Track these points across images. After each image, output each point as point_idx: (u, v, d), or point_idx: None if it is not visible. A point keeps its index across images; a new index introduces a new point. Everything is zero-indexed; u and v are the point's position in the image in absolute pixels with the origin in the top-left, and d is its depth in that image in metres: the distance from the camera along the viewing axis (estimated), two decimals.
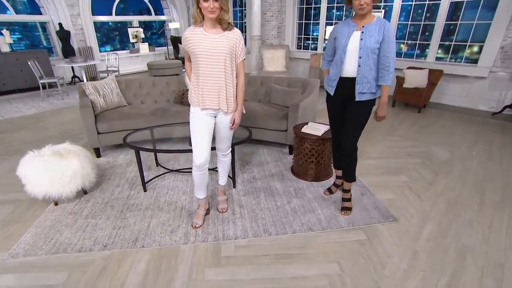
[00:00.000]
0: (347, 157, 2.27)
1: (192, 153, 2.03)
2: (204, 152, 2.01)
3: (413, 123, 4.49)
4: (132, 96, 3.84)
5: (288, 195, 2.60)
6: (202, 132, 1.99)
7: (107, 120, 3.28)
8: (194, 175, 2.09)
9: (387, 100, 2.11)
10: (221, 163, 2.33)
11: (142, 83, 3.90)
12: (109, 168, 3.11)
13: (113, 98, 3.57)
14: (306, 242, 2.07)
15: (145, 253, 1.98)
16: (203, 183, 2.14)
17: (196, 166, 2.04)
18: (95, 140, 3.26)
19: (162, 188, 2.72)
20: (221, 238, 2.10)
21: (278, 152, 3.47)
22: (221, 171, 2.37)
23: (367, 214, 2.34)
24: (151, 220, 2.30)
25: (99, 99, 3.44)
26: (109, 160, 3.28)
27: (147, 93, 3.90)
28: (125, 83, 3.83)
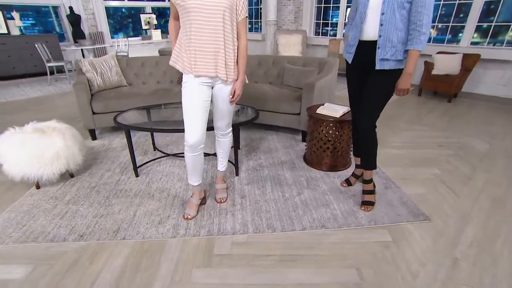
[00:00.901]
0: (363, 138, 1.88)
1: (184, 131, 1.70)
2: (198, 129, 1.68)
3: (442, 112, 4.00)
4: (133, 76, 3.55)
5: (299, 186, 2.24)
6: (195, 104, 1.66)
7: (103, 100, 3.01)
8: (186, 157, 1.76)
9: (412, 72, 1.67)
10: (220, 144, 1.99)
11: (145, 62, 3.61)
12: (103, 151, 2.84)
13: (112, 76, 3.29)
14: (318, 241, 1.71)
15: (125, 246, 1.68)
16: (197, 167, 1.81)
17: (188, 146, 1.70)
18: (89, 121, 3.00)
19: (156, 174, 2.42)
20: (216, 232, 1.77)
21: (289, 139, 3.10)
22: (220, 154, 2.04)
23: (392, 211, 1.95)
24: (138, 208, 1.99)
25: (96, 77, 3.17)
26: (104, 143, 3.01)
27: (149, 73, 3.60)
28: (126, 61, 3.55)
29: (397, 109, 4.12)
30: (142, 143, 3.00)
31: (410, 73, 1.65)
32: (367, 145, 1.89)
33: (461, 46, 4.81)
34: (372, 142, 1.89)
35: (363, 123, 1.85)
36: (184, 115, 1.69)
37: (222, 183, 2.10)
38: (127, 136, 2.23)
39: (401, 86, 1.69)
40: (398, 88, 1.71)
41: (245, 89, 3.42)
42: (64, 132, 2.25)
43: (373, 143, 1.89)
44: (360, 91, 1.91)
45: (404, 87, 1.68)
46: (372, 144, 1.89)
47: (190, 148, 1.71)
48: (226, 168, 2.11)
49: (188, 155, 1.74)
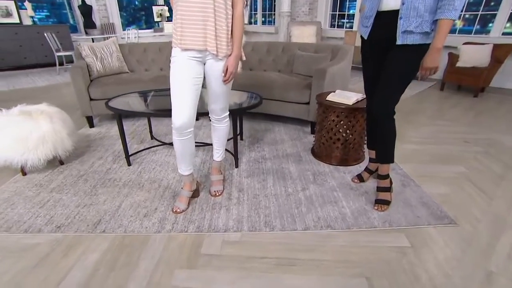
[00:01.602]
0: (380, 126, 1.63)
1: (172, 112, 1.50)
2: (185, 110, 1.47)
3: (468, 107, 3.65)
4: (135, 62, 3.39)
5: (304, 180, 2.00)
6: (182, 81, 1.45)
7: (101, 85, 2.86)
8: (174, 142, 1.56)
9: (442, 47, 1.40)
10: (216, 131, 1.78)
11: (147, 48, 3.44)
12: (98, 139, 2.68)
13: (112, 62, 3.14)
14: (322, 244, 1.48)
15: (104, 240, 1.49)
16: (186, 154, 1.60)
17: (175, 129, 1.50)
18: (87, 107, 2.85)
19: (149, 163, 2.24)
20: (206, 229, 1.56)
21: (297, 130, 2.86)
22: (215, 142, 1.83)
23: (410, 212, 1.69)
24: (124, 199, 1.81)
25: (96, 62, 3.02)
26: (101, 131, 2.86)
27: (152, 59, 3.44)
28: (128, 47, 3.39)
29: (416, 103, 3.80)
30: (140, 131, 2.84)
31: (439, 48, 1.39)
32: (383, 135, 1.64)
33: (491, 37, 4.41)
34: (390, 132, 1.63)
35: (380, 109, 1.59)
36: (172, 94, 1.48)
37: (217, 174, 1.89)
38: (119, 121, 2.05)
39: (428, 64, 1.42)
40: (424, 67, 1.44)
41: (251, 76, 3.22)
42: (52, 116, 2.10)
43: (391, 133, 1.63)
44: (378, 73, 1.65)
45: (432, 65, 1.41)
46: (390, 134, 1.63)
47: (177, 131, 1.50)
48: (223, 158, 1.90)
49: (175, 139, 1.54)
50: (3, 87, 4.77)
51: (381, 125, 1.62)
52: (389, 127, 1.62)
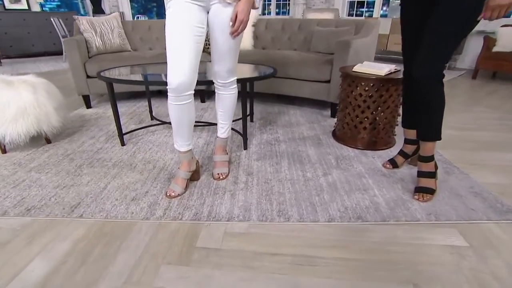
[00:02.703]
0: (424, 94, 1.28)
1: (168, 70, 1.20)
2: (185, 66, 1.17)
3: (507, 95, 3.23)
4: (138, 40, 3.13)
5: (325, 165, 1.67)
6: (181, 30, 1.15)
7: (99, 62, 2.60)
8: (170, 108, 1.26)
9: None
10: (221, 100, 1.48)
11: (152, 26, 3.17)
12: (94, 119, 2.42)
13: (113, 38, 2.88)
14: (351, 239, 1.15)
15: (80, 226, 1.21)
16: (183, 124, 1.30)
17: (171, 90, 1.20)
18: (83, 86, 2.60)
19: (146, 143, 1.95)
20: (205, 216, 1.25)
21: (315, 114, 2.53)
22: (221, 115, 1.52)
23: (461, 203, 1.34)
24: (112, 180, 1.52)
25: (95, 37, 2.77)
26: (98, 112, 2.60)
27: (156, 38, 3.16)
28: (132, 24, 3.13)
29: (447, 90, 3.40)
30: (140, 113, 2.56)
31: None
32: (430, 104, 1.29)
33: None
34: (438, 100, 1.29)
35: (426, 71, 1.25)
36: (168, 48, 1.18)
37: (222, 154, 1.58)
38: (110, 93, 1.77)
39: (498, 0, 1.07)
40: (489, 5, 1.09)
41: (262, 53, 2.89)
42: (35, 86, 1.84)
43: (439, 102, 1.29)
44: (420, 33, 1.32)
45: (503, 1, 1.06)
46: (438, 103, 1.29)
47: (173, 93, 1.20)
48: (229, 136, 1.59)
49: (171, 104, 1.24)
50: (7, 73, 4.60)
51: (427, 92, 1.28)
52: (438, 95, 1.27)
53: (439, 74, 1.25)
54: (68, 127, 2.25)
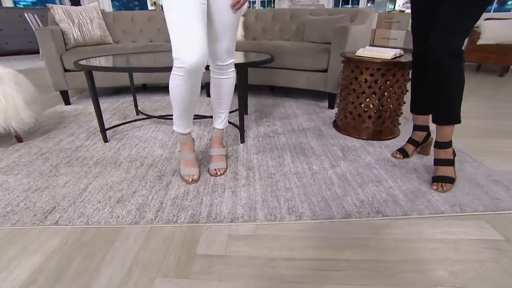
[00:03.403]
0: (441, 73, 1.14)
1: (172, 48, 1.01)
2: (199, 40, 1.00)
3: (497, 85, 3.19)
4: (120, 33, 2.88)
5: (332, 157, 1.52)
6: (188, 5, 0.96)
7: (77, 54, 2.35)
8: (178, 89, 1.09)
9: None
10: (218, 87, 1.29)
11: (135, 17, 2.93)
12: (73, 116, 2.17)
13: (93, 30, 2.63)
14: (374, 236, 0.99)
15: (54, 235, 0.99)
16: (192, 104, 1.16)
17: (185, 70, 1.02)
18: (60, 80, 2.34)
19: (132, 139, 1.73)
20: (205, 218, 1.06)
21: (311, 105, 2.37)
22: (217, 103, 1.33)
23: (483, 193, 1.21)
24: (93, 180, 1.31)
25: (73, 28, 2.51)
26: (78, 108, 2.35)
27: (140, 30, 2.92)
28: (113, 16, 2.88)
29: None
30: (124, 108, 2.33)
31: None
32: (449, 83, 1.15)
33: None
34: (458, 79, 1.15)
35: (444, 46, 1.11)
36: (174, 23, 0.99)
37: (219, 147, 1.39)
38: (89, 81, 1.54)
39: None
40: None
41: (254, 44, 2.70)
42: (2, 77, 1.59)
43: (459, 80, 1.15)
44: (435, 7, 1.18)
45: None
46: (458, 82, 1.15)
47: (186, 73, 1.02)
48: (226, 126, 1.41)
49: (180, 85, 1.06)
50: None
51: (447, 70, 1.14)
52: (458, 72, 1.14)
53: (459, 49, 1.12)
54: (43, 124, 2.00)
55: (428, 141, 1.50)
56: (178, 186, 1.25)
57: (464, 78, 1.15)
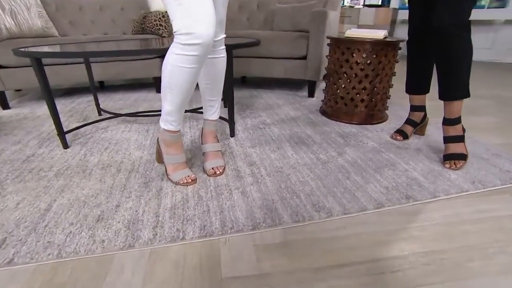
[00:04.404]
0: (449, 45, 1.05)
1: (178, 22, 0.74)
2: (211, 5, 0.75)
3: None
4: (67, 24, 2.41)
5: (334, 144, 1.36)
6: None
7: (13, 46, 1.87)
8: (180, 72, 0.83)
9: None
10: (208, 69, 1.04)
11: (84, 6, 2.47)
12: (16, 121, 1.72)
13: (32, 19, 2.13)
14: (416, 224, 0.84)
15: (10, 281, 0.67)
16: (191, 91, 0.90)
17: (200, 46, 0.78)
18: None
19: (99, 143, 1.39)
20: (218, 228, 0.82)
21: (290, 95, 2.21)
22: (209, 88, 1.08)
23: (493, 167, 1.15)
24: (59, 196, 0.97)
25: (4, 17, 2.00)
26: (21, 112, 1.88)
27: (91, 21, 2.48)
28: (55, 4, 2.39)
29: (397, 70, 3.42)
30: (82, 109, 1.92)
31: None
32: (457, 55, 1.06)
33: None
34: (466, 50, 1.06)
35: (451, 17, 1.02)
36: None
37: (214, 142, 1.14)
38: (39, 73, 1.17)
39: None
40: None
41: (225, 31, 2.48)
42: None
43: (468, 52, 1.06)
44: None
45: None
46: (466, 53, 1.06)
47: (203, 50, 0.79)
48: (219, 115, 1.16)
49: (187, 68, 0.82)
50: None
51: (454, 42, 1.04)
52: (466, 43, 1.05)
53: (467, 18, 1.02)
54: None
55: (424, 122, 1.42)
56: (173, 192, 0.98)
57: (472, 49, 1.06)
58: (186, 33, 0.75)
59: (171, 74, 0.83)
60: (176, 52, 0.79)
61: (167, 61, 0.82)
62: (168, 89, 0.87)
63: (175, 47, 0.79)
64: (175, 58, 0.80)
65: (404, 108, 1.87)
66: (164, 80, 0.86)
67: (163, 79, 0.87)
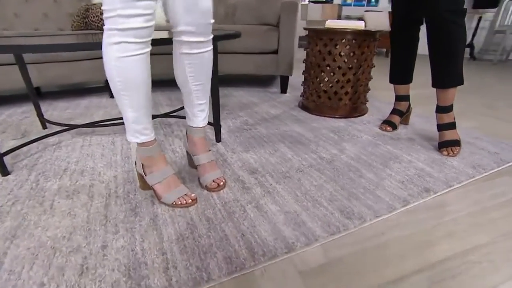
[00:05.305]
0: (445, 33, 1.05)
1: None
2: None
3: None
4: None
5: (329, 140, 1.28)
6: None
7: None
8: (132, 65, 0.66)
9: None
10: (195, 65, 0.84)
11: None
12: None
13: None
14: (447, 218, 0.80)
15: None
16: (148, 89, 0.73)
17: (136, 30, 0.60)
18: None
19: (53, 163, 1.09)
20: (247, 258, 0.66)
21: (261, 92, 2.09)
22: (197, 89, 0.88)
23: (481, 150, 1.20)
24: (10, 245, 0.70)
25: None
26: None
27: (15, 14, 2.02)
28: None
29: None
30: (17, 122, 1.53)
31: None
32: (452, 43, 1.06)
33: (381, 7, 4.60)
34: (462, 39, 1.06)
35: (451, 2, 1.01)
36: None
37: (207, 152, 0.96)
38: None
39: None
40: None
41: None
42: None
43: (462, 40, 1.07)
44: None
45: None
46: (461, 42, 1.07)
47: (139, 35, 0.60)
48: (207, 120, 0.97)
49: (126, 58, 0.65)
50: None
51: (453, 30, 1.04)
52: (464, 31, 1.05)
53: (462, 5, 1.03)
54: None
55: (409, 111, 1.43)
56: (173, 218, 0.78)
57: (466, 37, 1.07)
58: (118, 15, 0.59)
59: (119, 71, 0.65)
60: (115, 41, 0.62)
61: (108, 57, 0.65)
62: (122, 92, 0.68)
63: (111, 35, 0.62)
64: (116, 48, 0.62)
65: (378, 99, 1.89)
66: (114, 81, 0.67)
67: (112, 82, 0.68)
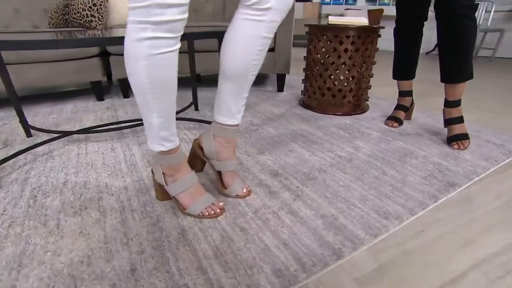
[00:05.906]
0: (456, 28, 1.06)
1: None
2: None
3: None
4: None
5: (341, 138, 1.25)
6: None
7: None
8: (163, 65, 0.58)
9: None
10: (263, 50, 0.71)
11: None
12: None
13: None
14: (478, 212, 0.80)
15: None
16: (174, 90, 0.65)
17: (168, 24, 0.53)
18: None
19: (48, 176, 0.97)
20: (298, 270, 0.60)
21: (258, 91, 2.04)
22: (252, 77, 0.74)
23: (487, 142, 1.23)
24: (18, 275, 0.59)
25: None
26: None
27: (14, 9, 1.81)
28: None
29: None
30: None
31: None
32: (463, 39, 1.07)
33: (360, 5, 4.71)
34: (473, 34, 1.08)
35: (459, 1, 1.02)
36: None
37: (234, 157, 0.88)
38: None
39: None
40: None
41: None
42: None
43: (473, 35, 1.08)
44: None
45: None
46: (472, 37, 1.08)
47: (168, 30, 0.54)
48: None
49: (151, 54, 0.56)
50: None
51: (466, 25, 1.05)
52: (475, 26, 1.06)
53: (474, 1, 1.04)
54: None
55: (412, 106, 1.44)
56: (204, 231, 0.71)
57: (476, 32, 1.09)
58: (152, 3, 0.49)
59: (150, 70, 0.57)
60: (146, 35, 0.53)
61: (136, 55, 0.56)
62: (151, 94, 0.60)
63: (141, 29, 0.53)
64: (148, 44, 0.54)
65: (376, 96, 1.90)
66: (142, 83, 0.59)
67: (138, 84, 0.59)
